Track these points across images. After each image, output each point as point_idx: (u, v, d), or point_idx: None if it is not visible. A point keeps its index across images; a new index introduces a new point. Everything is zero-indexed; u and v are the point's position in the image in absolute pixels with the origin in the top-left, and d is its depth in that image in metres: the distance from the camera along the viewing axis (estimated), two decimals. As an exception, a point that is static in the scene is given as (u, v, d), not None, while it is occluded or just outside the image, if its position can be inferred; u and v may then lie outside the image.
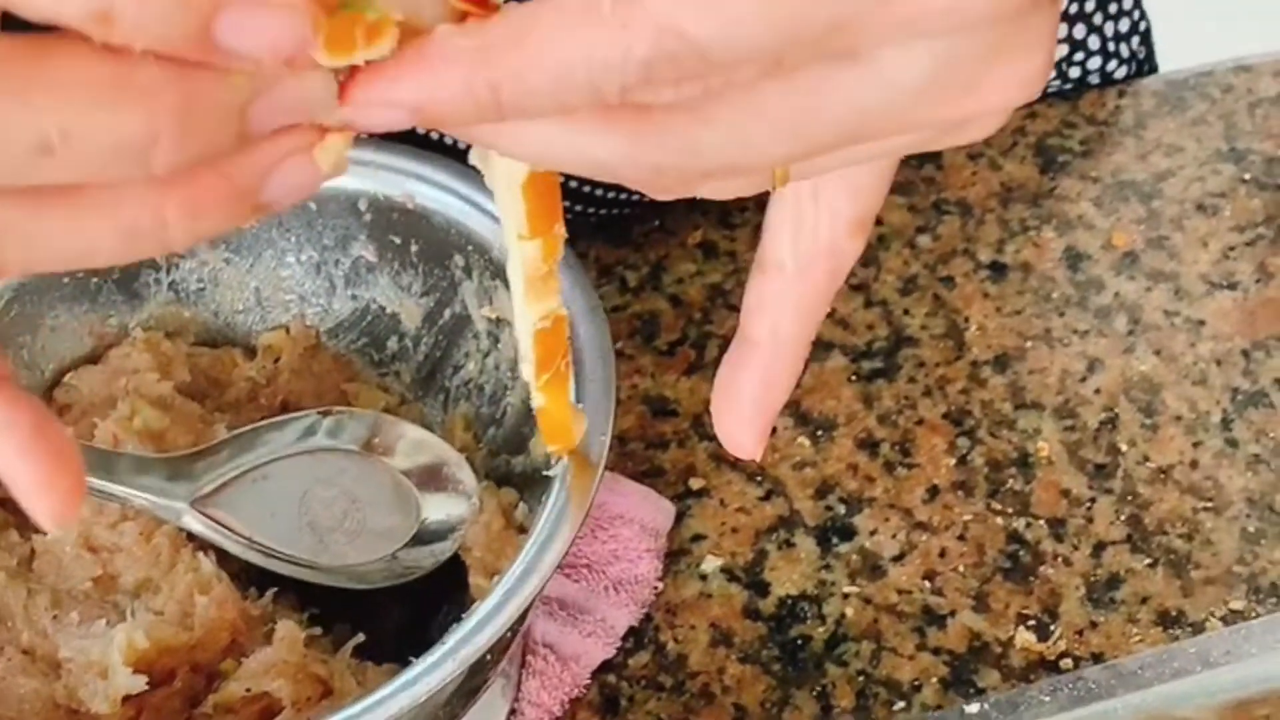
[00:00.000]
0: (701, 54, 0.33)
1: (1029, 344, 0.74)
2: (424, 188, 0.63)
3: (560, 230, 0.44)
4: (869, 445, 0.71)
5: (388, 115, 0.35)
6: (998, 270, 0.78)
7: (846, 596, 0.66)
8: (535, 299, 0.46)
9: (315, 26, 0.33)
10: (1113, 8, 0.86)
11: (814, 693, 0.63)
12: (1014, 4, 0.35)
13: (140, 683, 0.54)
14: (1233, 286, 0.76)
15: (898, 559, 0.67)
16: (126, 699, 0.54)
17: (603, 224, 0.80)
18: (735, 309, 0.76)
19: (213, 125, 0.33)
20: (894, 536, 0.68)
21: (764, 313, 0.44)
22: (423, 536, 0.60)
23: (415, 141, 0.64)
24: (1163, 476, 0.69)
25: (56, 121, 0.32)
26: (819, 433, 0.71)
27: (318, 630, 0.59)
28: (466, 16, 0.35)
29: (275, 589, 0.59)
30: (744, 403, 0.44)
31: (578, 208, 0.80)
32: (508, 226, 0.44)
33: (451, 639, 0.50)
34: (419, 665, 0.50)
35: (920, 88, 0.36)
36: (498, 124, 0.36)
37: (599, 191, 0.80)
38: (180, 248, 0.35)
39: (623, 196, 0.77)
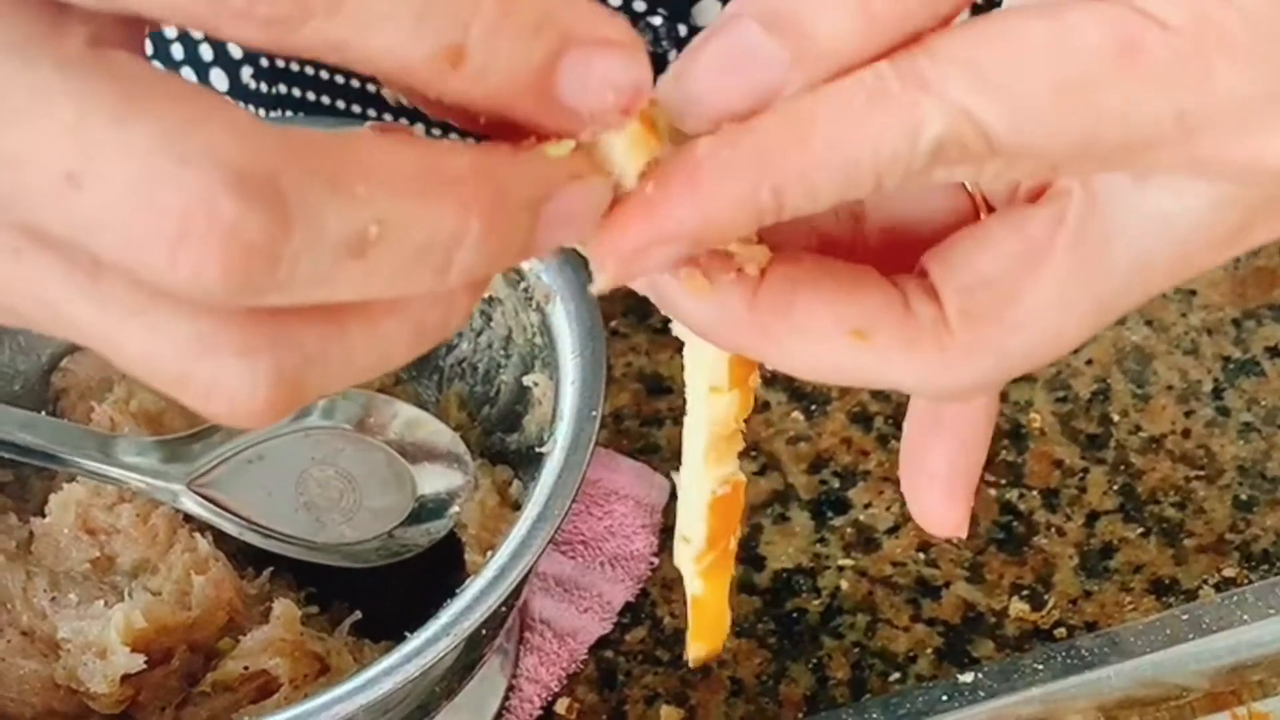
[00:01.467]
0: (989, 141, 0.32)
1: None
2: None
3: (756, 380, 0.38)
4: (862, 419, 0.71)
5: (660, 256, 0.32)
6: (990, 243, 0.78)
7: (841, 569, 0.67)
8: (716, 461, 0.39)
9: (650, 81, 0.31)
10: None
11: (810, 665, 0.64)
12: None
13: (138, 662, 0.55)
14: (1224, 256, 0.76)
15: (892, 531, 0.68)
16: (125, 678, 0.55)
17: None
18: (728, 285, 0.76)
19: (514, 226, 0.31)
20: (888, 509, 0.68)
21: None
22: (418, 514, 0.61)
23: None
24: (1155, 446, 0.69)
25: (373, 214, 0.28)
26: (813, 407, 0.72)
27: (315, 608, 0.60)
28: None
29: (272, 568, 0.60)
30: (944, 471, 0.39)
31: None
32: (695, 380, 0.38)
33: (446, 615, 0.51)
34: (414, 641, 0.50)
35: (1183, 223, 0.34)
36: (777, 343, 0.34)
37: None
38: (463, 327, 0.32)
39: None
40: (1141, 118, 0.31)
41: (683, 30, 0.70)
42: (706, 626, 0.42)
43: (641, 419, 0.72)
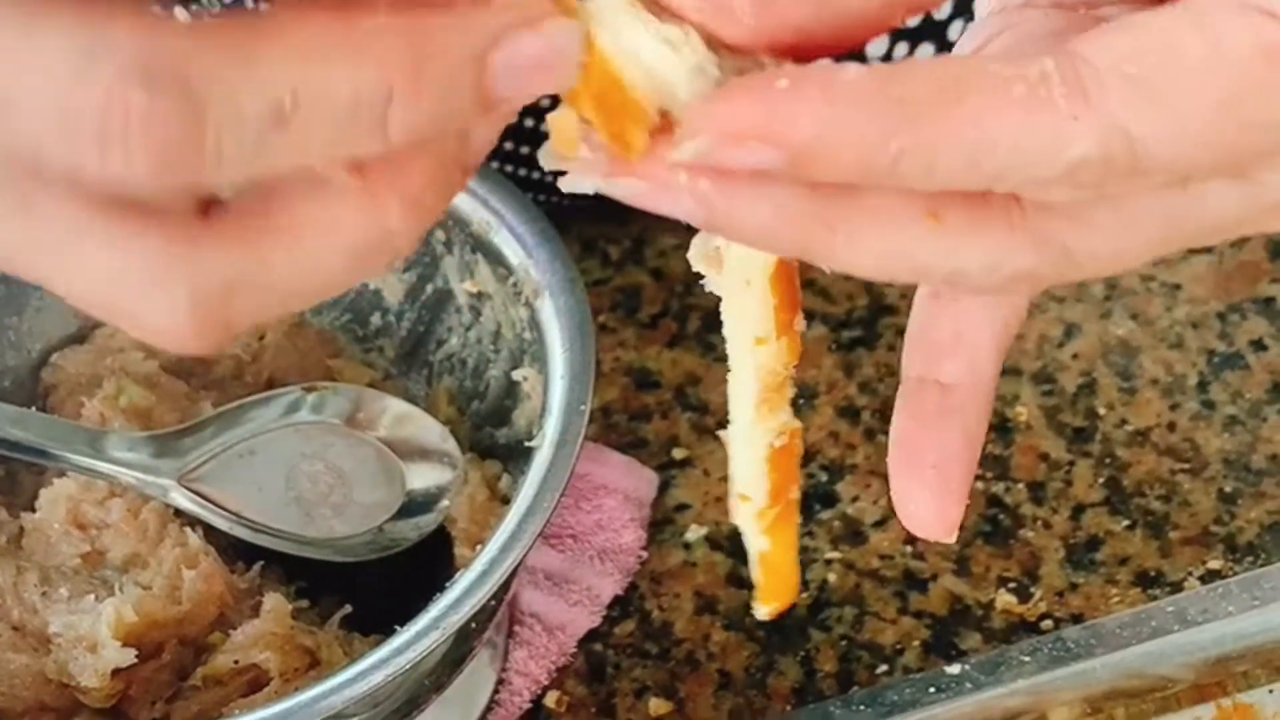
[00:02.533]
0: (1137, 163, 0.31)
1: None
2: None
3: (801, 323, 0.37)
4: (850, 413, 0.72)
5: (757, 156, 0.30)
6: (977, 238, 0.78)
7: (829, 562, 0.67)
8: (770, 413, 0.37)
9: None
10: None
11: (798, 658, 0.64)
12: None
13: (129, 656, 0.55)
14: (1208, 250, 0.76)
15: (879, 524, 0.68)
16: (116, 672, 0.55)
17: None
18: (716, 280, 0.76)
19: (449, 78, 0.30)
20: (875, 502, 0.68)
21: (960, 348, 0.38)
22: (408, 509, 0.61)
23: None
24: (1140, 439, 0.70)
25: (287, 83, 0.29)
26: (800, 401, 0.72)
27: (305, 603, 0.60)
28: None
29: (262, 562, 0.60)
30: (944, 464, 0.37)
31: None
32: (739, 332, 0.36)
33: (436, 608, 0.51)
34: (404, 634, 0.51)
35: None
36: (847, 234, 0.32)
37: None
38: (408, 252, 0.31)
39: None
40: None
41: None
42: (778, 583, 0.40)
43: (630, 413, 0.72)
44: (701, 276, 0.37)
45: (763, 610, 0.41)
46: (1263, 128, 0.32)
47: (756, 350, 0.36)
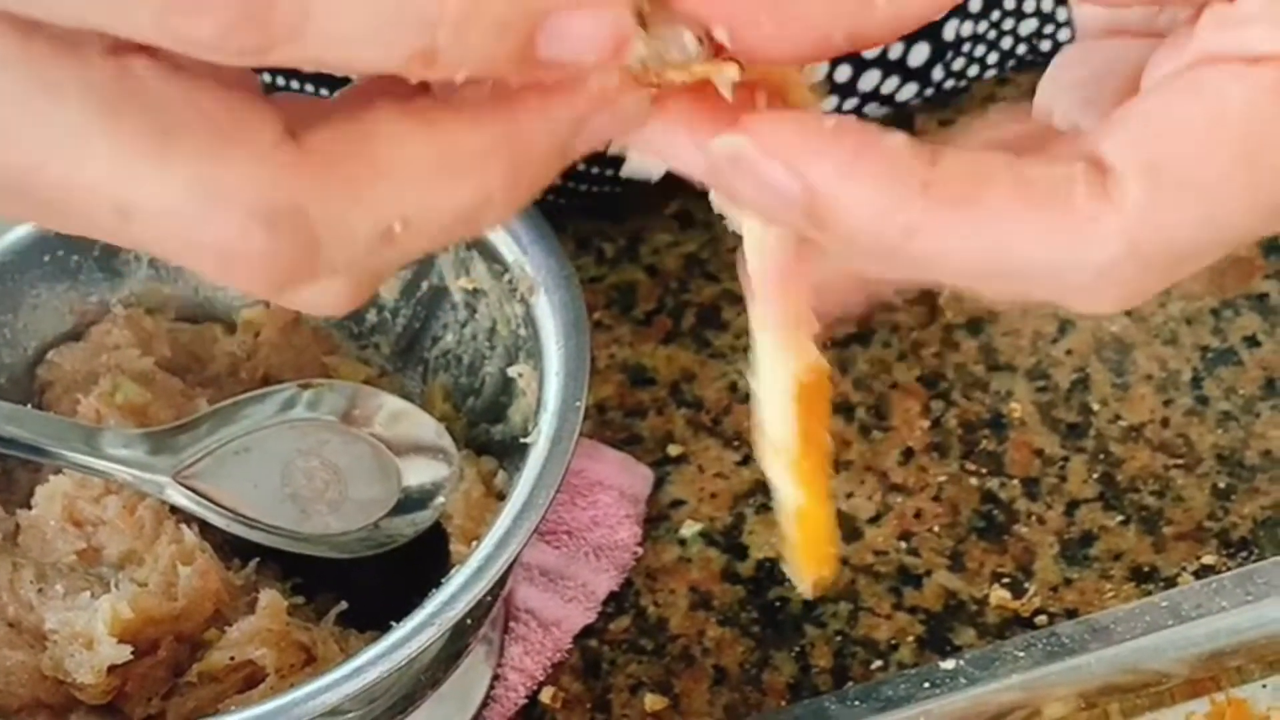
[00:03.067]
0: (1171, 248, 0.32)
1: (1001, 307, 0.75)
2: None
3: None
4: (844, 409, 0.72)
5: (779, 180, 0.32)
6: (971, 235, 0.79)
7: (824, 558, 0.67)
8: (794, 350, 0.36)
9: (634, 20, 0.31)
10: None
11: (793, 653, 0.64)
12: None
13: (125, 653, 0.55)
14: (1203, 247, 0.77)
15: (874, 520, 0.68)
16: (112, 669, 0.55)
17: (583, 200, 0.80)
18: (712, 278, 0.76)
19: (541, 172, 0.32)
20: (870, 498, 0.69)
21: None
22: (404, 505, 0.61)
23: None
24: (1134, 435, 0.70)
25: (396, 212, 0.31)
26: (795, 398, 0.72)
27: (301, 599, 0.60)
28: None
29: (258, 559, 0.60)
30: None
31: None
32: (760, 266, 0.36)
33: (431, 604, 0.51)
34: (399, 631, 0.51)
35: None
36: (956, 226, 0.32)
37: (581, 167, 0.80)
38: (492, 225, 0.34)
39: (607, 173, 0.77)
40: None
41: None
42: (817, 544, 0.38)
43: (625, 410, 0.72)
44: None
45: (805, 584, 0.39)
46: None
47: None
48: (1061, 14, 0.86)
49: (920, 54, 0.77)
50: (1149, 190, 0.31)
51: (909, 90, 0.79)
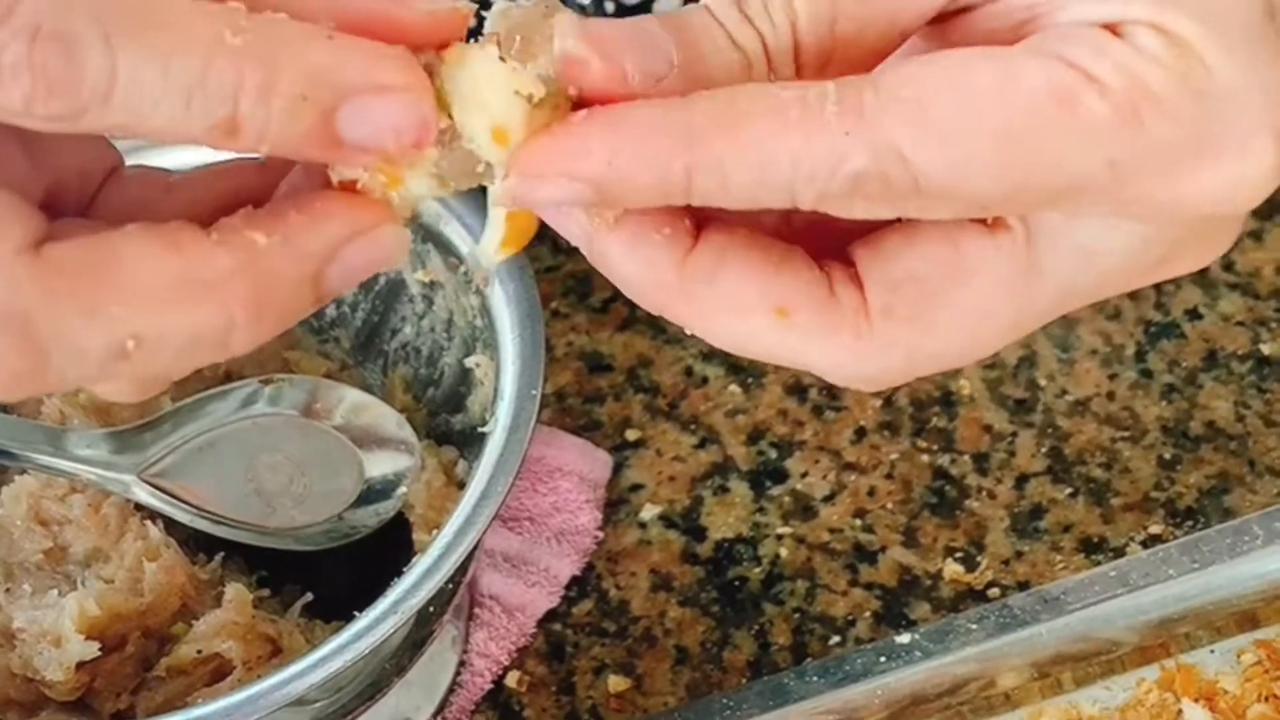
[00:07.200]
0: (915, 182, 0.33)
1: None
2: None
3: None
4: (798, 390, 0.73)
5: (562, 190, 0.33)
6: (920, 216, 0.80)
7: (780, 538, 0.68)
8: (525, 59, 0.34)
9: (435, 115, 0.32)
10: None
11: (752, 632, 0.66)
12: (1226, 209, 0.35)
13: (93, 649, 0.56)
14: (1146, 223, 0.78)
15: (829, 499, 0.69)
16: (80, 665, 0.56)
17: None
18: (665, 263, 0.77)
19: (288, 301, 0.33)
20: (824, 477, 0.70)
21: None
22: (367, 496, 0.62)
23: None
24: (1081, 409, 0.71)
25: (127, 330, 0.31)
26: (749, 380, 0.73)
27: (266, 592, 0.61)
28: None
29: (223, 553, 0.61)
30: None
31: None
32: None
33: (394, 593, 0.52)
34: (363, 620, 0.51)
35: (1109, 256, 0.36)
36: (700, 309, 0.35)
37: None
38: (242, 351, 0.33)
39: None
40: (1075, 166, 0.33)
41: (610, 7, 0.71)
42: (518, 231, 0.38)
43: (584, 396, 0.73)
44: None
45: (496, 259, 0.39)
46: (1053, 166, 0.33)
47: None
48: None
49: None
50: (902, 120, 0.33)
51: None
